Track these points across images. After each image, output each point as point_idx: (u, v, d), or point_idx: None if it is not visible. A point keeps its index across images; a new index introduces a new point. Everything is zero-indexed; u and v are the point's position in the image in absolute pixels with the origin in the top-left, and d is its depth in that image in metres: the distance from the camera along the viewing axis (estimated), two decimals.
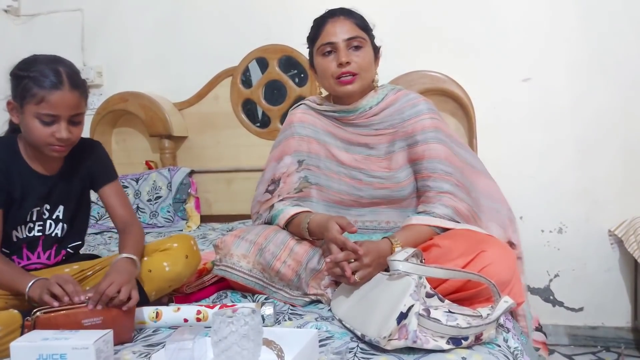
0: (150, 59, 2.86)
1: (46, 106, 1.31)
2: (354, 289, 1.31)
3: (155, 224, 2.58)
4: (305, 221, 1.47)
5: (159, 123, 2.66)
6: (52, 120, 1.33)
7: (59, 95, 1.32)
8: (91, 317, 1.19)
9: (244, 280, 1.47)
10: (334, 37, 1.51)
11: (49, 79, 1.31)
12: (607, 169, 2.35)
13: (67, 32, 2.93)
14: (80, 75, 1.41)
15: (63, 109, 1.33)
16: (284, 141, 1.67)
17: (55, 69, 1.33)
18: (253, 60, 2.70)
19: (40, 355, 0.99)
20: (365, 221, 1.59)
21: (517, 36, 2.41)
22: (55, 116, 1.33)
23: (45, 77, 1.32)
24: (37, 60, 1.36)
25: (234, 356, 0.91)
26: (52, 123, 1.34)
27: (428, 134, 1.52)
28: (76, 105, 1.36)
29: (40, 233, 1.47)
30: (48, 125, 1.33)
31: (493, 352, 1.07)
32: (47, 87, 1.31)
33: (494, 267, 1.23)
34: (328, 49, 1.52)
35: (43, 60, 1.36)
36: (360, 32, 1.54)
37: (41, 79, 1.31)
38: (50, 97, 1.31)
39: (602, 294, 2.38)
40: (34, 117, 1.33)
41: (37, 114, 1.32)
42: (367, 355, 1.08)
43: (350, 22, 1.54)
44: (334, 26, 1.53)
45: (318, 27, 1.56)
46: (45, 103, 1.31)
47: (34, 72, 1.32)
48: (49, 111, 1.32)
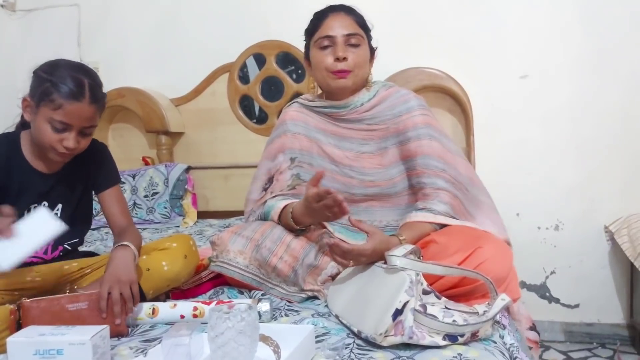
0: (147, 55, 2.85)
1: (62, 114, 1.30)
2: (350, 284, 1.31)
3: (152, 220, 2.57)
4: (289, 210, 1.48)
5: (155, 119, 2.65)
6: (63, 128, 1.32)
7: (77, 106, 1.31)
8: (76, 301, 1.19)
9: (240, 277, 1.47)
10: (333, 31, 1.52)
11: (70, 88, 1.30)
12: (604, 166, 2.36)
13: (64, 27, 2.92)
14: (102, 88, 1.39)
15: (77, 119, 1.32)
16: (276, 139, 1.67)
17: (79, 80, 1.32)
18: (250, 56, 2.69)
19: (37, 350, 0.99)
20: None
21: (514, 33, 2.41)
22: (68, 125, 1.32)
23: (67, 85, 1.30)
24: (62, 65, 1.34)
25: (230, 352, 0.91)
26: (64, 131, 1.33)
27: (420, 131, 1.53)
28: (91, 118, 1.35)
29: None
30: (58, 132, 1.33)
31: (489, 348, 1.08)
32: (67, 96, 1.30)
33: (490, 264, 1.23)
34: (326, 42, 1.53)
35: (69, 67, 1.34)
36: (359, 30, 1.54)
37: (63, 86, 1.30)
38: (68, 106, 1.30)
39: (598, 290, 2.39)
40: (47, 121, 1.32)
41: (50, 119, 1.31)
42: (363, 351, 1.08)
43: (350, 18, 1.54)
44: (334, 20, 1.53)
45: (318, 20, 1.56)
46: (62, 110, 1.30)
47: (57, 78, 1.30)
48: (63, 119, 1.31)
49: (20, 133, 1.45)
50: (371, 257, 1.29)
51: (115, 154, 1.65)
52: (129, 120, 2.85)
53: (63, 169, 1.47)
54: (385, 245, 1.28)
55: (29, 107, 1.37)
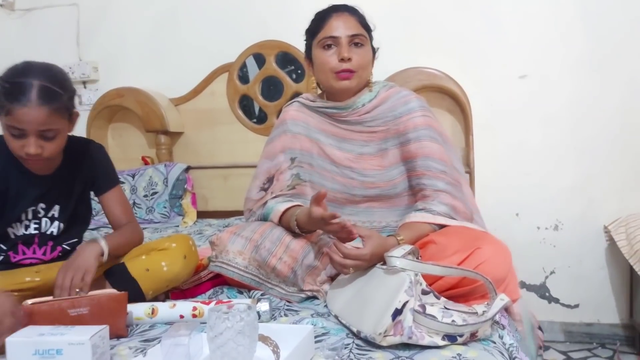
0: (146, 54, 2.84)
1: (12, 119, 1.29)
2: (350, 284, 1.31)
3: (151, 220, 2.57)
4: (294, 215, 1.47)
5: (155, 119, 2.65)
6: (20, 134, 1.31)
7: (24, 110, 1.27)
8: (77, 307, 1.19)
9: (239, 277, 1.47)
10: (337, 32, 1.51)
11: (15, 92, 1.27)
12: (603, 166, 2.36)
13: (63, 27, 2.91)
14: (62, 89, 1.34)
15: (28, 124, 1.29)
16: (276, 138, 1.67)
17: (26, 83, 1.28)
18: (250, 56, 2.69)
19: (37, 350, 0.99)
20: (358, 221, 1.58)
21: (514, 33, 2.41)
22: (21, 130, 1.30)
23: (14, 90, 1.28)
24: (18, 70, 1.32)
25: (229, 352, 0.91)
26: (21, 137, 1.31)
27: (420, 132, 1.53)
28: (44, 122, 1.30)
29: (36, 231, 1.47)
30: (17, 138, 1.31)
31: (488, 348, 1.08)
32: (12, 100, 1.27)
33: (489, 264, 1.23)
34: (329, 42, 1.52)
35: (22, 71, 1.31)
36: (362, 31, 1.54)
37: (11, 91, 1.28)
38: (16, 110, 1.27)
39: (597, 291, 2.39)
40: (6, 128, 1.32)
41: (7, 125, 1.31)
42: (362, 351, 1.08)
43: (354, 19, 1.54)
44: (338, 21, 1.53)
45: (321, 20, 1.55)
46: (12, 116, 1.28)
47: (8, 83, 1.29)
48: (15, 124, 1.29)
49: None
50: (370, 261, 1.28)
51: (114, 153, 1.66)
52: (128, 120, 2.85)
53: (59, 170, 1.47)
54: (382, 248, 1.28)
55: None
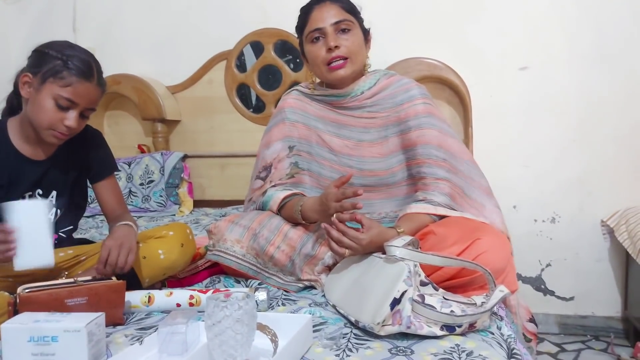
0: (143, 41, 2.81)
1: (70, 91, 1.33)
2: (348, 274, 1.31)
3: (147, 209, 2.56)
4: (298, 204, 1.46)
5: (152, 106, 2.63)
6: (68, 107, 1.34)
7: (87, 86, 1.35)
8: (75, 296, 1.18)
9: (237, 265, 1.47)
10: (321, 23, 1.50)
11: (82, 67, 1.34)
12: (601, 159, 2.36)
13: (59, 13, 2.87)
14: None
15: (84, 99, 1.35)
16: (274, 127, 1.66)
17: (89, 62, 1.37)
18: (248, 44, 2.67)
19: (32, 337, 0.98)
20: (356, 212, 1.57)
21: (514, 24, 2.40)
22: (74, 103, 1.34)
23: (79, 64, 1.34)
24: (72, 47, 1.38)
25: (227, 340, 0.90)
26: (67, 109, 1.35)
27: (421, 120, 1.52)
28: (95, 101, 1.40)
29: None
30: (62, 110, 1.34)
31: (486, 339, 1.08)
32: (78, 75, 1.33)
33: (488, 255, 1.22)
34: (316, 35, 1.51)
35: (79, 49, 1.39)
36: (347, 15, 1.52)
37: (74, 65, 1.33)
38: (78, 84, 1.33)
39: (593, 283, 2.40)
40: (52, 97, 1.33)
41: (57, 95, 1.32)
42: (360, 341, 1.08)
43: (336, 6, 1.52)
44: (320, 12, 1.51)
45: (305, 15, 1.55)
46: (71, 88, 1.33)
47: (68, 57, 1.34)
48: (70, 96, 1.33)
49: (7, 121, 1.43)
50: (367, 247, 1.28)
51: (110, 141, 1.64)
52: (124, 108, 2.83)
53: (55, 155, 1.46)
54: (382, 238, 1.27)
55: (29, 84, 1.36)
